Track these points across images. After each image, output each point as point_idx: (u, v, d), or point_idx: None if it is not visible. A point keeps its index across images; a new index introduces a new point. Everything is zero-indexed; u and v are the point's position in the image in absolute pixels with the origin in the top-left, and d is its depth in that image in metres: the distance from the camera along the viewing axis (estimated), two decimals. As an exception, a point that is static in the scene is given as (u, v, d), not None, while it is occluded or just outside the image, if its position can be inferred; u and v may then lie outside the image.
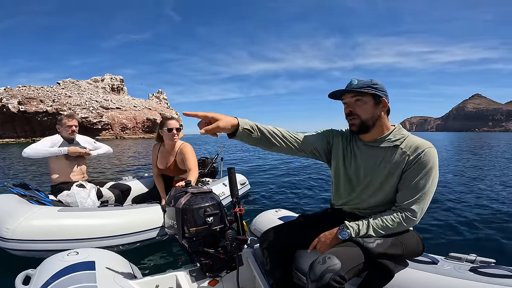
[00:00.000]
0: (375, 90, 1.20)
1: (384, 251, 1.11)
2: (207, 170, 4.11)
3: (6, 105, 58.31)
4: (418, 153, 1.16)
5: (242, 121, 1.12)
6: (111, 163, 10.66)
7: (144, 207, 2.55)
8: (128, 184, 3.21)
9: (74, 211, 2.29)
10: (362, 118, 1.22)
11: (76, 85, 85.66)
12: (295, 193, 4.97)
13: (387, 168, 1.21)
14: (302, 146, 1.30)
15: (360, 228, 1.18)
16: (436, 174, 1.18)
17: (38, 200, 2.43)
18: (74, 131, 2.91)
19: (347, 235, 1.17)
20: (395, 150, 1.21)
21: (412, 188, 1.17)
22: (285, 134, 1.26)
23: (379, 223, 1.17)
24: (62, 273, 1.21)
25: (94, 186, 2.80)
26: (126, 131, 73.84)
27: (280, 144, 1.24)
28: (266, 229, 1.52)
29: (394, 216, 1.17)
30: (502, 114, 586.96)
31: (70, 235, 2.07)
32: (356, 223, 1.20)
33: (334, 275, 0.99)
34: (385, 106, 1.23)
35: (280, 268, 1.42)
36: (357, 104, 1.22)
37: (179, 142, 2.79)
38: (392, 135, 1.24)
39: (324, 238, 1.23)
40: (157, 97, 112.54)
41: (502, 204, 3.92)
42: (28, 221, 2.03)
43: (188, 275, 1.36)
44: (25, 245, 1.98)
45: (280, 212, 2.05)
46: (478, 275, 1.09)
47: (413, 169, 1.17)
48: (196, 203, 1.33)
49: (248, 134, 1.14)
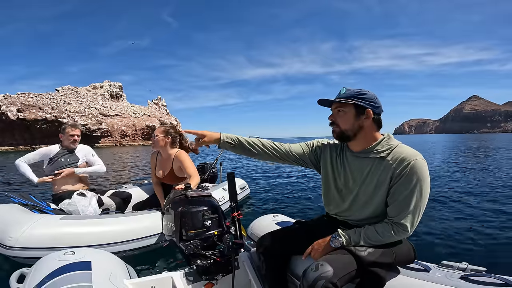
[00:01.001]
0: (358, 100, 1.19)
1: (375, 260, 1.13)
2: (206, 176, 4.12)
3: (5, 113, 58.35)
4: (404, 166, 1.14)
5: (224, 135, 1.36)
6: (111, 172, 10.67)
7: (144, 214, 2.58)
8: (128, 191, 3.22)
9: (76, 219, 2.33)
10: (342, 128, 1.24)
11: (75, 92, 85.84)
12: (294, 199, 4.99)
13: (374, 181, 1.20)
14: (283, 155, 1.41)
15: (352, 238, 1.20)
16: (426, 186, 1.14)
17: (39, 209, 2.46)
18: (76, 140, 2.97)
19: (339, 243, 1.19)
20: (381, 161, 1.19)
21: (401, 202, 1.15)
22: (265, 144, 1.40)
23: (371, 234, 1.18)
24: (58, 272, 1.20)
25: (95, 194, 2.82)
26: (126, 138, 73.79)
27: (259, 152, 1.39)
28: (263, 234, 1.54)
29: (386, 229, 1.18)
30: (500, 115, 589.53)
31: (72, 242, 2.10)
32: (348, 233, 1.22)
33: (327, 282, 1.01)
34: (369, 117, 1.21)
35: (275, 272, 1.43)
36: (339, 114, 1.25)
37: (175, 150, 2.77)
38: (380, 145, 1.22)
39: (317, 246, 1.25)
40: (156, 103, 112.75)
41: (494, 212, 3.94)
42: (32, 230, 2.06)
43: (184, 277, 1.37)
44: (29, 253, 2.01)
45: (278, 218, 2.07)
46: (469, 283, 1.12)
47: (401, 183, 1.15)
48: (195, 206, 1.36)
49: (229, 145, 1.37)
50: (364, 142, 1.25)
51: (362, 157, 1.25)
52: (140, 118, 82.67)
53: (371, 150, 1.23)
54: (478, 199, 4.80)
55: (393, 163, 1.16)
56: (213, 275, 1.40)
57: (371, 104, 1.21)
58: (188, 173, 2.59)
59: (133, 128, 76.74)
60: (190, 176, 2.56)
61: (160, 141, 2.70)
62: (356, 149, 1.28)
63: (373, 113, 1.21)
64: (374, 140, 1.25)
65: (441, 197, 4.97)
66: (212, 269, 1.38)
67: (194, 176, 2.54)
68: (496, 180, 6.75)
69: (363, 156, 1.25)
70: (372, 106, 1.21)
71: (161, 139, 2.70)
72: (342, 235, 1.21)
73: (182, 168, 2.65)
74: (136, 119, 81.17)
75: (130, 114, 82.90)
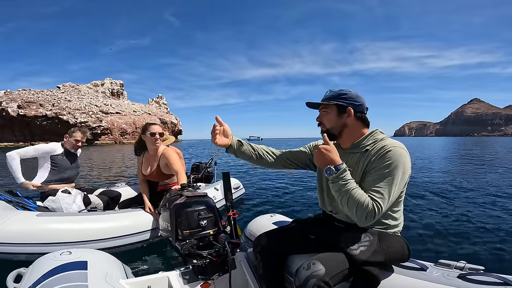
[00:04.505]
0: (338, 100, 1.27)
1: (366, 259, 1.12)
2: (201, 175, 4.10)
3: (5, 109, 58.41)
4: (380, 152, 1.16)
5: (235, 138, 1.44)
6: (106, 169, 10.67)
7: (126, 212, 2.54)
8: (118, 190, 3.18)
9: (52, 216, 2.29)
10: (327, 127, 1.31)
11: (76, 89, 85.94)
12: (291, 198, 4.99)
13: (359, 173, 1.22)
14: (287, 160, 1.50)
15: (345, 179, 1.13)
16: (399, 171, 1.12)
17: (24, 206, 2.45)
18: (79, 146, 2.97)
19: (329, 174, 1.14)
20: (365, 154, 1.23)
21: (375, 179, 1.14)
22: (275, 152, 1.51)
23: (357, 192, 1.11)
24: (54, 272, 1.21)
25: (80, 192, 2.77)
26: (126, 136, 73.91)
27: (268, 158, 1.48)
28: (260, 234, 1.53)
29: (366, 197, 1.11)
30: (501, 118, 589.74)
31: (47, 239, 2.09)
32: (349, 176, 1.14)
33: (318, 280, 1.01)
34: (351, 115, 1.27)
35: (272, 272, 1.43)
36: (323, 114, 1.33)
37: (162, 147, 2.75)
38: (366, 140, 1.27)
39: (325, 152, 1.16)
40: (157, 102, 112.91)
41: (492, 211, 3.95)
42: (7, 225, 2.06)
43: (180, 277, 1.37)
44: (2, 248, 2.02)
45: (275, 217, 2.07)
46: (466, 282, 1.11)
47: (375, 164, 1.16)
48: (190, 206, 1.35)
49: (240, 145, 1.43)
50: (351, 138, 1.31)
51: (350, 153, 1.30)
52: (140, 116, 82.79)
53: (358, 145, 1.28)
54: (475, 198, 4.81)
55: (374, 152, 1.20)
56: (210, 275, 1.39)
57: (351, 103, 1.27)
58: (174, 169, 2.56)
59: (133, 126, 76.85)
60: (176, 173, 2.54)
61: (171, 139, 2.76)
62: (345, 146, 1.34)
63: (354, 111, 1.27)
64: (360, 135, 1.30)
65: (439, 196, 4.99)
66: (208, 269, 1.38)
67: (180, 173, 2.52)
68: (494, 179, 6.78)
69: (351, 151, 1.30)
70: (353, 105, 1.27)
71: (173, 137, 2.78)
72: (342, 171, 1.13)
73: (168, 165, 2.63)
74: (137, 117, 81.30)
75: (130, 112, 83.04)
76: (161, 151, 2.72)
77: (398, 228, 1.29)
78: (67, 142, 2.92)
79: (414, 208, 4.10)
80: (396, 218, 1.27)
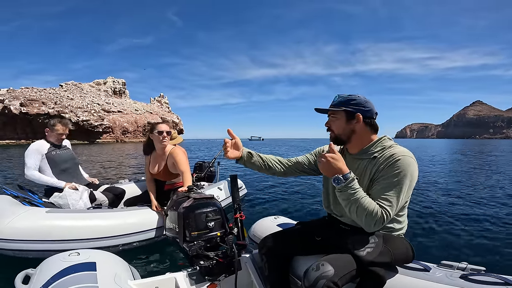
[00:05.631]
0: (347, 106, 1.27)
1: (372, 260, 1.15)
2: (203, 174, 4.12)
3: (8, 107, 58.61)
4: (390, 159, 1.17)
5: (246, 150, 1.46)
6: (109, 167, 10.70)
7: (133, 210, 2.56)
8: (123, 187, 3.20)
9: (62, 213, 2.30)
10: (336, 133, 1.32)
11: (78, 87, 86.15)
12: (294, 200, 4.99)
13: (366, 180, 1.24)
14: (295, 169, 1.53)
15: (354, 188, 1.13)
16: (407, 180, 1.14)
17: (30, 202, 2.44)
18: (63, 138, 2.90)
19: (338, 183, 1.14)
20: (373, 161, 1.24)
21: (385, 187, 1.15)
22: (277, 159, 1.54)
23: (366, 200, 1.12)
24: (63, 273, 1.22)
25: (87, 188, 2.78)
26: (127, 134, 74.03)
27: (277, 168, 1.51)
28: (265, 236, 1.56)
29: (375, 205, 1.12)
30: (503, 121, 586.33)
31: (56, 236, 2.09)
32: (357, 185, 1.14)
33: (328, 281, 1.03)
34: (360, 121, 1.27)
35: (277, 273, 1.45)
36: (332, 120, 1.33)
37: (169, 146, 2.77)
38: (374, 146, 1.27)
39: (332, 161, 1.15)
40: (159, 101, 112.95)
41: (492, 213, 3.97)
42: (16, 222, 2.05)
43: (187, 278, 1.39)
44: (12, 245, 2.01)
45: (279, 219, 2.08)
46: (468, 282, 1.13)
47: (384, 171, 1.17)
48: (198, 208, 1.37)
49: (250, 157, 1.46)
50: (359, 144, 1.31)
51: (358, 158, 1.31)
52: (142, 115, 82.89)
53: (366, 151, 1.29)
54: (477, 199, 4.82)
55: (383, 160, 1.21)
56: (216, 276, 1.41)
57: (360, 109, 1.27)
58: (180, 169, 2.60)
59: (135, 125, 76.98)
60: (182, 172, 2.57)
61: (179, 139, 2.77)
62: (353, 151, 1.35)
63: (363, 117, 1.27)
64: (369, 141, 1.30)
65: (441, 197, 4.99)
66: (215, 270, 1.40)
67: (186, 173, 2.56)
68: (497, 182, 6.77)
69: (359, 157, 1.31)
70: (362, 111, 1.27)
71: (180, 137, 2.77)
72: (350, 179, 1.13)
73: (175, 164, 2.67)
74: (138, 116, 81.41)
75: (132, 111, 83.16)
76: (169, 150, 2.75)
77: (402, 231, 1.32)
78: (51, 135, 2.83)
79: (417, 211, 4.11)
80: (400, 221, 1.30)
